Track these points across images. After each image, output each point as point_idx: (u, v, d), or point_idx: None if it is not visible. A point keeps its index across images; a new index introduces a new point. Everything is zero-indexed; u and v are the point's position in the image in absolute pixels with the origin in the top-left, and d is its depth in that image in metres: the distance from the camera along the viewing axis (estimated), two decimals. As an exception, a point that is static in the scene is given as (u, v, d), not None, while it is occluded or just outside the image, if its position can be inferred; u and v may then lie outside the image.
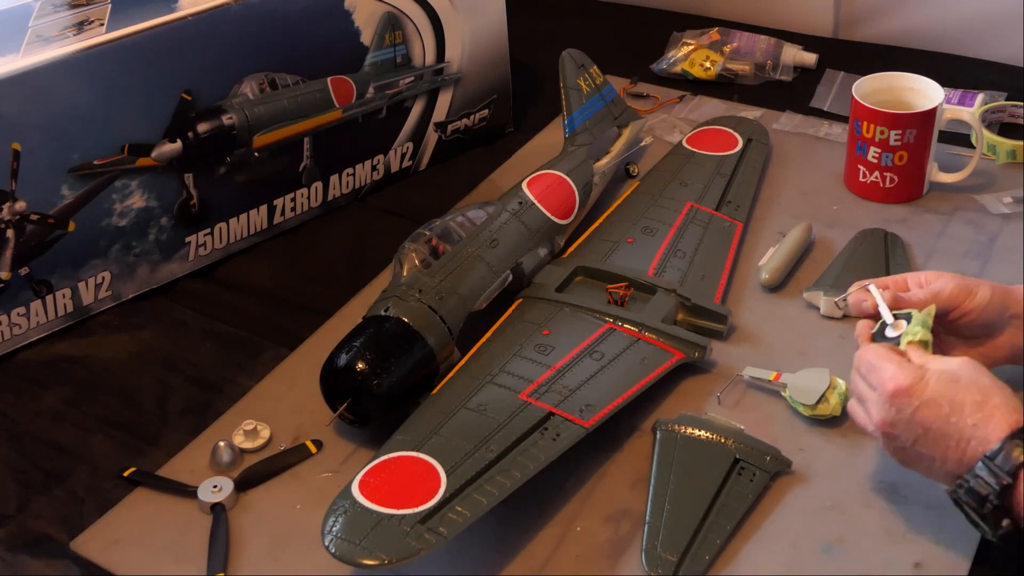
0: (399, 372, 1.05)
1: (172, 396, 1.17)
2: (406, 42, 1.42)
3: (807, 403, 1.06)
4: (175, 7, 1.23)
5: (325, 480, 1.05)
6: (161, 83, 1.23)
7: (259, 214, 1.37)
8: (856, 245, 1.27)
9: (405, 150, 1.48)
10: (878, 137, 1.32)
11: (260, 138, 1.33)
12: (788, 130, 1.52)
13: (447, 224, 1.18)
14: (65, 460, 1.10)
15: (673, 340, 1.13)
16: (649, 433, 1.06)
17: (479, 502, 0.93)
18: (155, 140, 1.25)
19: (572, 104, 1.40)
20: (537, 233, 1.23)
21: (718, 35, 1.68)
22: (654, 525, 0.96)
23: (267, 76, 1.31)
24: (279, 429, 1.10)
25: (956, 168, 1.36)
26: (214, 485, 1.03)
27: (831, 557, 0.95)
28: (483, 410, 1.02)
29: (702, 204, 1.33)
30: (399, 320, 1.07)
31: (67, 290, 1.24)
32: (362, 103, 1.40)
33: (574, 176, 1.30)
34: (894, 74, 1.38)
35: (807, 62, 1.65)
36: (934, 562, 0.94)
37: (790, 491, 1.01)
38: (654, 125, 1.54)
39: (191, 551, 0.99)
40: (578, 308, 1.16)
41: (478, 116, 1.53)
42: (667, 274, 1.22)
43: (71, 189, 1.20)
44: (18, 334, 1.23)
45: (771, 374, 1.10)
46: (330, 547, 0.90)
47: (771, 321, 1.20)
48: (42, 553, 1.00)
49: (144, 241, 1.28)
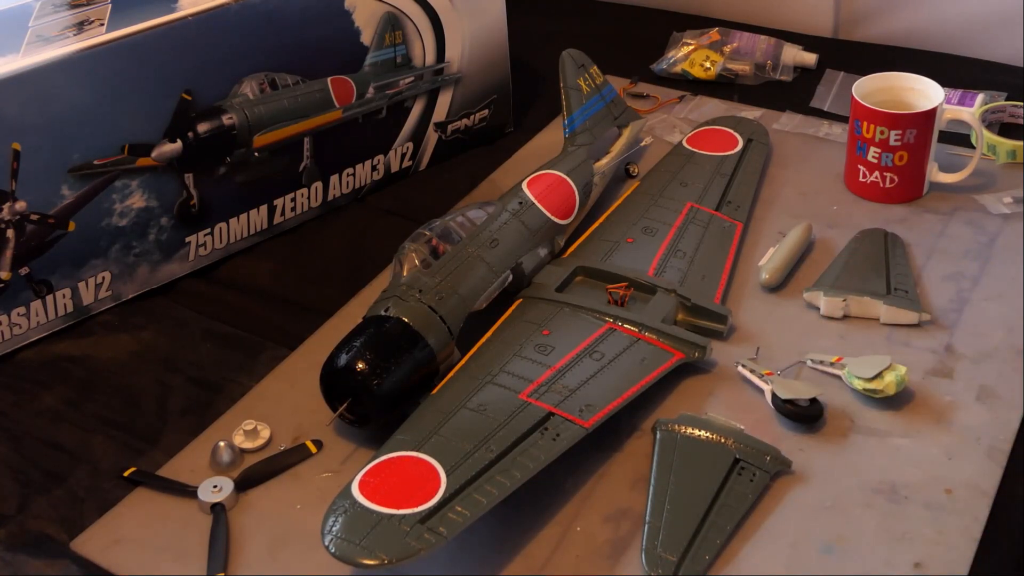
0: (399, 372, 1.05)
1: (172, 396, 1.17)
2: (406, 42, 1.42)
3: (863, 376, 1.06)
4: (175, 7, 1.23)
5: (325, 480, 1.05)
6: (161, 83, 1.23)
7: (259, 214, 1.37)
8: (856, 245, 1.27)
9: (405, 150, 1.48)
10: (878, 137, 1.32)
11: (260, 138, 1.33)
12: (788, 130, 1.52)
13: (447, 224, 1.18)
14: (65, 460, 1.10)
15: (673, 340, 1.13)
16: (649, 433, 1.06)
17: (479, 502, 0.93)
18: (155, 140, 1.25)
19: (572, 104, 1.40)
20: (537, 233, 1.23)
21: (718, 35, 1.68)
22: (654, 525, 0.96)
23: (267, 76, 1.31)
24: (279, 429, 1.10)
25: (956, 168, 1.36)
26: (214, 485, 1.03)
27: (831, 557, 0.95)
28: (483, 410, 1.02)
29: (702, 204, 1.33)
30: (399, 320, 1.07)
31: (67, 290, 1.24)
32: (362, 103, 1.40)
33: (574, 176, 1.30)
34: (894, 74, 1.38)
35: (807, 62, 1.65)
36: (934, 562, 0.94)
37: (790, 491, 1.01)
38: (654, 125, 1.54)
39: (191, 551, 0.99)
40: (578, 308, 1.16)
41: (478, 116, 1.53)
42: (667, 274, 1.22)
43: (71, 189, 1.20)
44: (18, 334, 1.23)
45: (833, 357, 1.11)
46: (330, 547, 0.90)
47: (771, 321, 1.20)
48: (42, 553, 1.00)
49: (144, 241, 1.28)
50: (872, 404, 1.07)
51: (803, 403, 1.06)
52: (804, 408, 1.06)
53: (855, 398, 1.08)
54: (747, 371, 1.11)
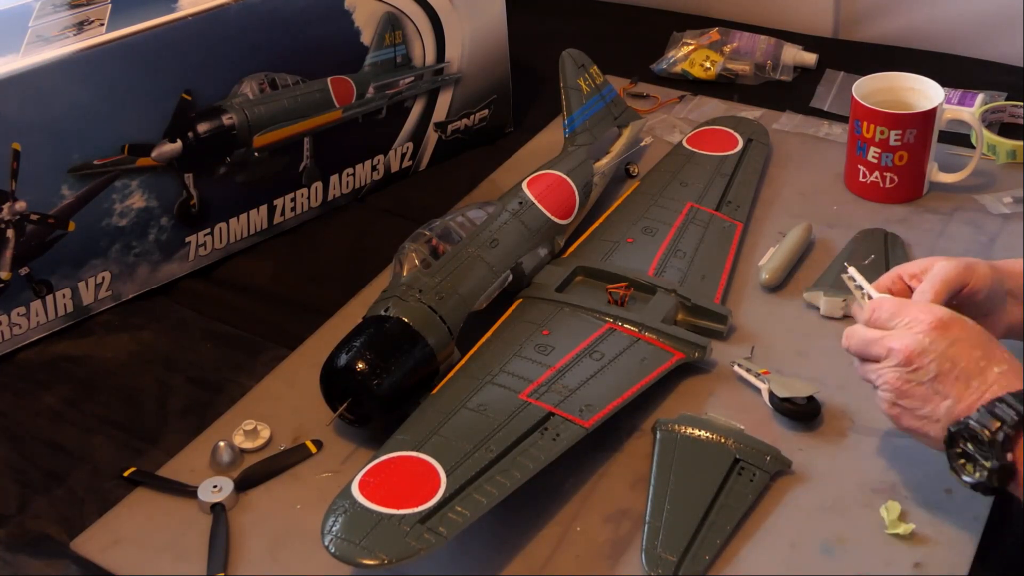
0: (399, 372, 1.05)
1: (172, 396, 1.17)
2: (406, 42, 1.42)
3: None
4: (175, 7, 1.23)
5: (325, 480, 1.05)
6: (161, 83, 1.23)
7: (259, 214, 1.37)
8: (856, 245, 1.27)
9: (405, 150, 1.48)
10: (878, 137, 1.32)
11: (260, 138, 1.33)
12: (788, 130, 1.52)
13: (447, 224, 1.18)
14: (65, 460, 1.10)
15: (673, 340, 1.13)
16: (649, 433, 1.06)
17: (479, 502, 0.93)
18: (155, 140, 1.25)
19: (572, 104, 1.40)
20: (537, 233, 1.23)
21: (718, 35, 1.68)
22: (654, 525, 0.96)
23: (267, 76, 1.31)
24: (279, 429, 1.10)
25: (956, 168, 1.36)
26: (214, 485, 1.03)
27: (831, 557, 0.95)
28: (483, 410, 1.02)
29: (702, 204, 1.33)
30: (399, 320, 1.07)
31: (67, 290, 1.24)
32: (362, 103, 1.40)
33: (574, 176, 1.30)
34: (894, 74, 1.38)
35: (807, 62, 1.65)
36: (934, 562, 0.94)
37: (790, 491, 1.01)
38: (654, 125, 1.54)
39: (191, 551, 0.99)
40: (578, 308, 1.16)
41: (478, 116, 1.53)
42: (667, 274, 1.22)
43: (71, 189, 1.20)
44: (18, 334, 1.23)
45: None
46: (330, 547, 0.90)
47: (771, 321, 1.20)
48: (42, 553, 1.00)
49: (144, 241, 1.28)
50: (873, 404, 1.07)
51: (800, 401, 1.06)
52: (801, 406, 1.06)
53: (850, 399, 1.08)
54: (743, 370, 1.11)
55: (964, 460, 0.88)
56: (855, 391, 1.06)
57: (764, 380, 1.09)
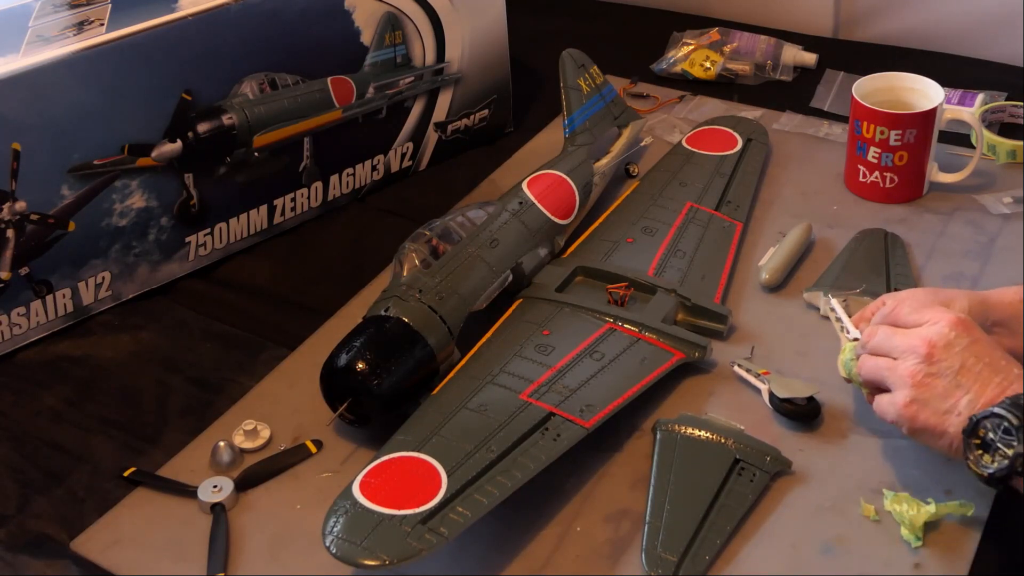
0: (399, 372, 1.05)
1: (172, 396, 1.17)
2: (406, 42, 1.42)
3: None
4: (175, 7, 1.23)
5: (325, 480, 1.05)
6: (161, 83, 1.23)
7: (259, 214, 1.37)
8: (856, 245, 1.27)
9: (405, 150, 1.48)
10: (878, 137, 1.32)
11: (260, 138, 1.33)
12: (788, 130, 1.52)
13: (447, 224, 1.18)
14: (65, 460, 1.10)
15: (673, 340, 1.13)
16: (649, 433, 1.06)
17: (480, 502, 0.93)
18: (155, 140, 1.25)
19: (572, 104, 1.40)
20: (537, 233, 1.23)
21: (718, 35, 1.68)
22: (654, 525, 0.96)
23: (267, 76, 1.31)
24: (279, 429, 1.10)
25: (956, 168, 1.36)
26: (214, 485, 1.03)
27: (831, 557, 0.95)
28: (483, 410, 1.02)
29: (702, 204, 1.33)
30: (399, 320, 1.07)
31: (67, 290, 1.24)
32: (362, 103, 1.40)
33: (574, 176, 1.30)
34: (894, 74, 1.38)
35: (807, 62, 1.65)
36: (934, 562, 0.94)
37: (790, 491, 1.01)
38: (654, 125, 1.54)
39: (191, 551, 0.99)
40: (578, 308, 1.16)
41: (478, 116, 1.53)
42: (667, 274, 1.22)
43: (71, 189, 1.20)
44: (18, 334, 1.23)
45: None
46: (331, 547, 0.90)
47: (771, 321, 1.20)
48: (42, 553, 1.00)
49: (144, 241, 1.28)
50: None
51: (800, 401, 1.06)
52: (801, 406, 1.06)
53: (850, 399, 1.08)
54: (743, 371, 1.11)
55: (981, 450, 0.87)
56: (855, 391, 1.06)
57: (764, 380, 1.09)
